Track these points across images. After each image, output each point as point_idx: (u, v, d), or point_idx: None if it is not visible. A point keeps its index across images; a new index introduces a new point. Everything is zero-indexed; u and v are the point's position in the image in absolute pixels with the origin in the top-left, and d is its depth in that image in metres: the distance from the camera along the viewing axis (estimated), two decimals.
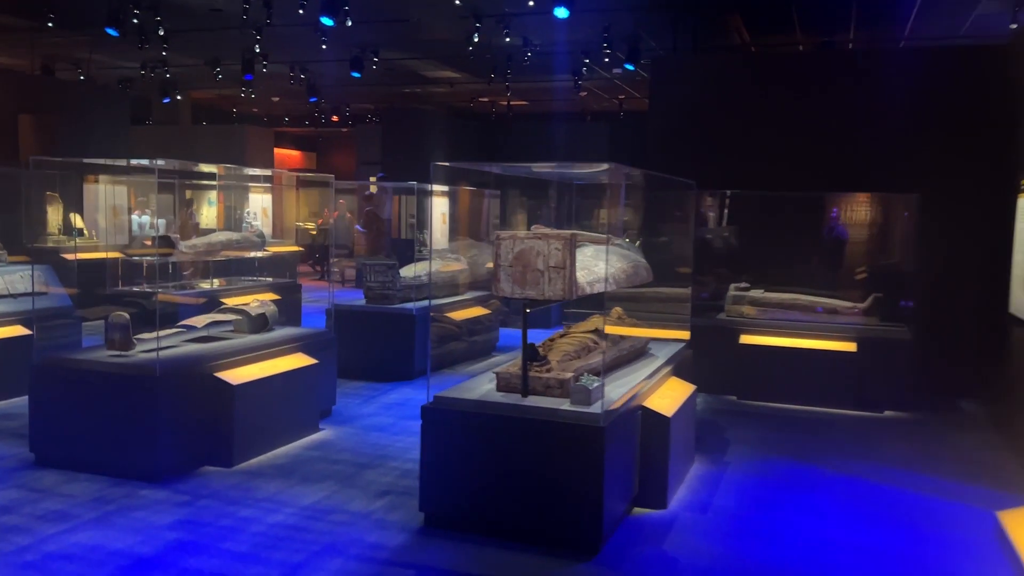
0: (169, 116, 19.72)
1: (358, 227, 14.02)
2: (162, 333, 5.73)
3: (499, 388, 4.59)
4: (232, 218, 17.80)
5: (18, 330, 7.23)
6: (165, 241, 9.70)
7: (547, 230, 4.71)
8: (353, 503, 4.81)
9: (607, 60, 12.84)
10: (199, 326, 5.93)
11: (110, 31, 11.27)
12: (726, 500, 5.05)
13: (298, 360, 6.26)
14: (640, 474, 4.77)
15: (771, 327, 7.82)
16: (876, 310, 7.82)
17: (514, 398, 4.44)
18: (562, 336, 5.33)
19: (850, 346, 7.40)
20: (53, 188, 11.87)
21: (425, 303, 8.72)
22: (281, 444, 5.89)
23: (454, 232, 11.36)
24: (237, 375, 5.58)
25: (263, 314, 6.51)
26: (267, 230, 16.18)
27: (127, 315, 5.42)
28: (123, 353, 5.38)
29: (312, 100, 16.60)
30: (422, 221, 14.54)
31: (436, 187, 14.91)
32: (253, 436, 5.60)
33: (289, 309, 10.94)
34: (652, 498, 4.81)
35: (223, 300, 7.94)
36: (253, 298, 6.65)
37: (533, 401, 4.39)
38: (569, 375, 4.50)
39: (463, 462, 4.37)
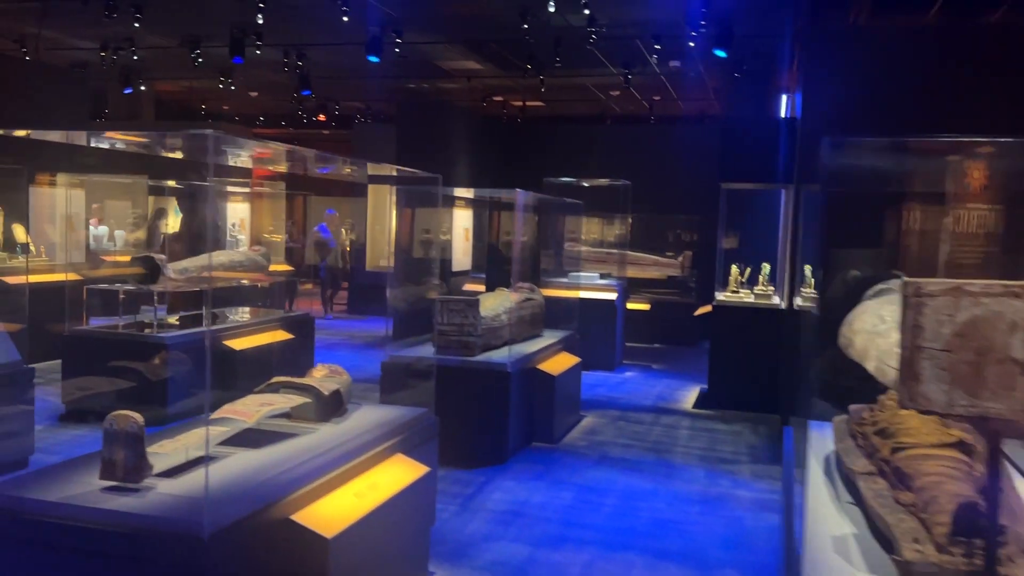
0: (129, 110, 16.98)
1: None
2: (190, 437, 3.36)
3: None
4: (205, 230, 15.23)
5: None
6: (148, 264, 7.21)
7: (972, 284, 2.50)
8: None
9: (658, 49, 10.78)
10: (250, 421, 3.54)
11: None
12: None
13: (401, 470, 3.94)
14: None
15: None
16: None
17: None
18: (910, 450, 3.12)
19: None
20: None
21: (519, 354, 6.43)
22: None
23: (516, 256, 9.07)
24: (327, 517, 3.24)
25: (337, 391, 4.15)
26: (245, 245, 13.67)
27: (139, 420, 3.03)
28: (128, 485, 3.00)
29: (305, 93, 14.12)
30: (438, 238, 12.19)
31: (460, 192, 12.63)
32: None
33: (301, 351, 8.53)
34: None
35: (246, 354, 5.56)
36: (316, 373, 4.30)
37: None
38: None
39: None
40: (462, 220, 13.09)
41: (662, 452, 6.52)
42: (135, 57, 12.61)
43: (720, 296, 8.46)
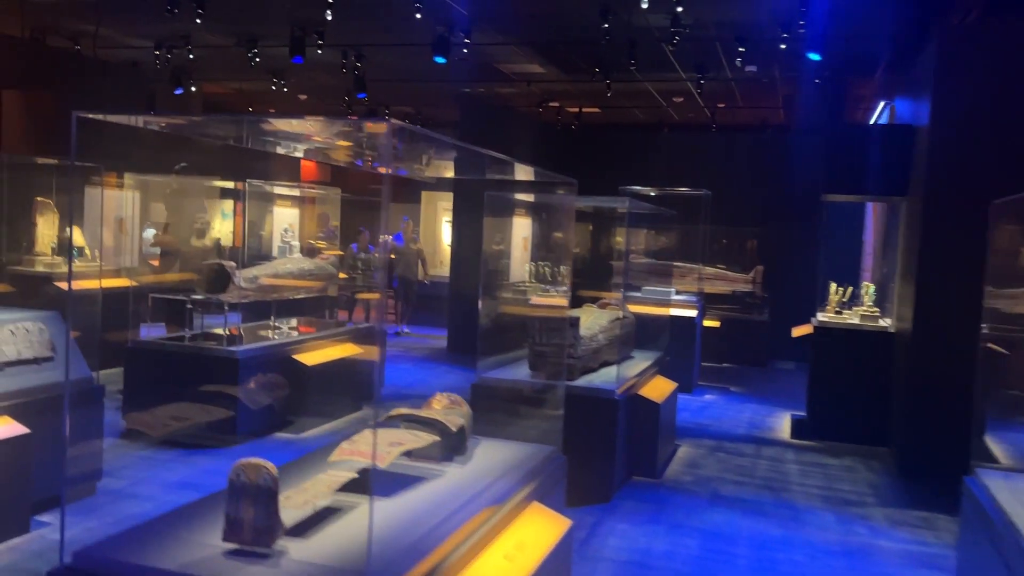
0: (176, 111, 16.68)
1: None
2: (316, 486, 2.85)
3: None
4: (254, 235, 14.80)
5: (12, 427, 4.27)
6: (218, 273, 6.75)
7: None
8: None
9: (741, 52, 10.20)
10: (382, 465, 3.01)
11: None
12: None
13: (543, 525, 3.40)
14: None
15: None
16: None
17: None
18: None
19: None
20: (47, 192, 8.84)
21: (621, 379, 5.86)
22: None
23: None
24: None
25: (463, 427, 3.62)
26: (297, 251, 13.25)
27: (272, 471, 2.49)
28: (258, 549, 2.48)
29: (360, 96, 13.69)
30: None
31: (520, 197, 12.10)
32: None
33: (372, 367, 8.02)
34: None
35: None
36: (435, 403, 3.75)
37: None
38: None
39: None
40: (521, 229, 12.58)
41: (778, 491, 5.91)
42: (191, 56, 12.23)
43: (821, 317, 7.83)
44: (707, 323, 10.96)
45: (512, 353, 6.20)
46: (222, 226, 16.50)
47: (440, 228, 15.13)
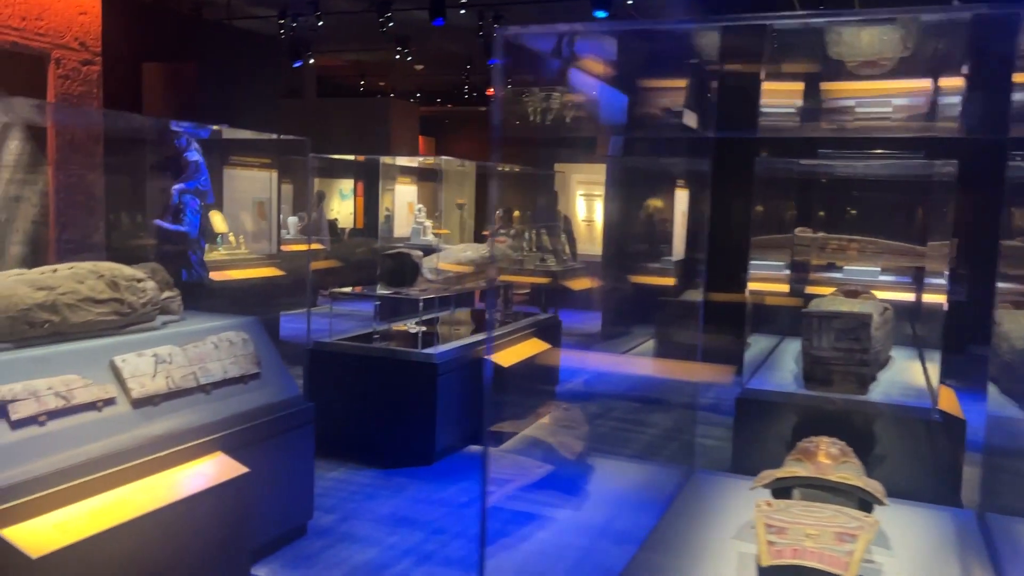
0: (290, 86, 16.02)
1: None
2: None
3: None
4: (376, 216, 13.98)
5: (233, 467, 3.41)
6: (403, 263, 5.84)
7: None
8: None
9: None
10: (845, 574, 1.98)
11: None
12: None
13: None
14: None
15: None
16: None
17: None
18: None
19: None
20: None
21: (917, 387, 4.69)
22: None
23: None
24: None
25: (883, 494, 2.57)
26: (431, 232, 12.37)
27: None
28: None
29: (491, 63, 12.68)
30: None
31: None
32: None
33: (553, 365, 7.05)
34: None
35: None
36: (820, 456, 2.71)
37: None
38: None
39: None
40: (680, 200, 11.37)
41: None
42: (319, 23, 11.41)
43: None
44: None
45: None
46: (341, 207, 15.81)
47: (574, 203, 14.08)
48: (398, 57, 13.48)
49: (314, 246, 12.72)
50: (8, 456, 2.78)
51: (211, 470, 3.42)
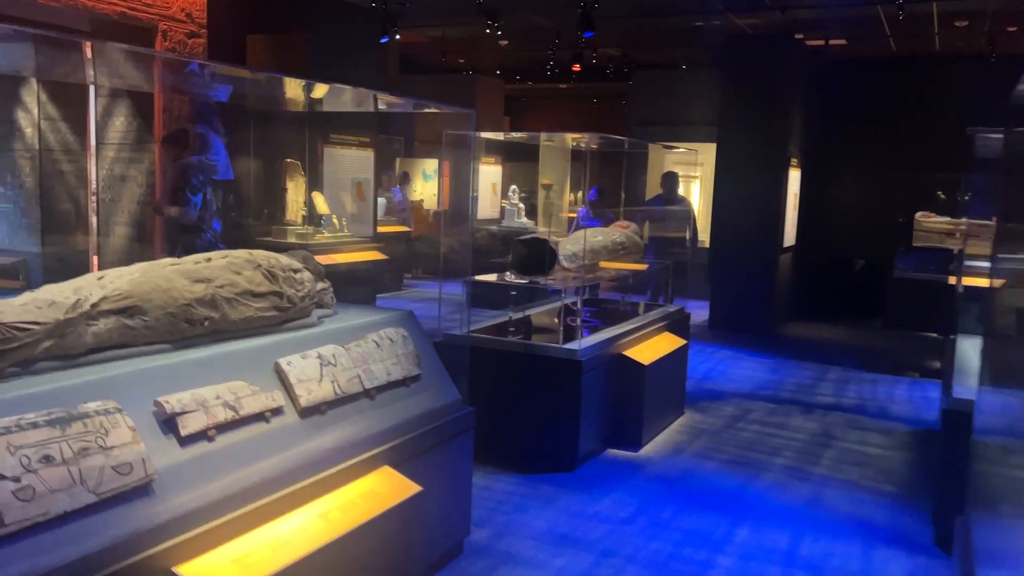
0: (374, 62, 15.63)
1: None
2: None
3: None
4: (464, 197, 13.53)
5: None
6: (538, 250, 5.36)
7: None
8: None
9: None
10: None
11: None
12: None
13: None
14: None
15: None
16: None
17: None
18: None
19: None
20: (297, 152, 7.78)
21: None
22: None
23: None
24: None
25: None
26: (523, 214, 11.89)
27: None
28: None
29: (587, 35, 12.05)
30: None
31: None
32: None
33: (683, 360, 6.51)
34: None
35: None
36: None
37: None
38: None
39: None
40: (792, 184, 10.67)
41: None
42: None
43: None
44: None
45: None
46: (424, 189, 15.43)
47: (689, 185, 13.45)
48: (488, 31, 12.94)
49: (401, 228, 12.38)
50: (180, 478, 2.39)
51: (382, 488, 3.00)
